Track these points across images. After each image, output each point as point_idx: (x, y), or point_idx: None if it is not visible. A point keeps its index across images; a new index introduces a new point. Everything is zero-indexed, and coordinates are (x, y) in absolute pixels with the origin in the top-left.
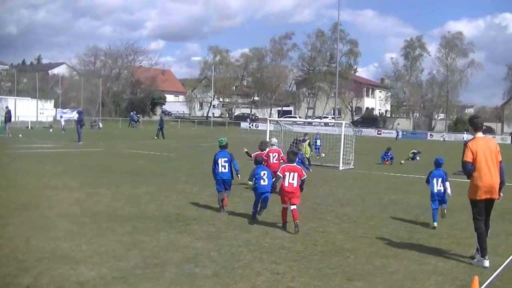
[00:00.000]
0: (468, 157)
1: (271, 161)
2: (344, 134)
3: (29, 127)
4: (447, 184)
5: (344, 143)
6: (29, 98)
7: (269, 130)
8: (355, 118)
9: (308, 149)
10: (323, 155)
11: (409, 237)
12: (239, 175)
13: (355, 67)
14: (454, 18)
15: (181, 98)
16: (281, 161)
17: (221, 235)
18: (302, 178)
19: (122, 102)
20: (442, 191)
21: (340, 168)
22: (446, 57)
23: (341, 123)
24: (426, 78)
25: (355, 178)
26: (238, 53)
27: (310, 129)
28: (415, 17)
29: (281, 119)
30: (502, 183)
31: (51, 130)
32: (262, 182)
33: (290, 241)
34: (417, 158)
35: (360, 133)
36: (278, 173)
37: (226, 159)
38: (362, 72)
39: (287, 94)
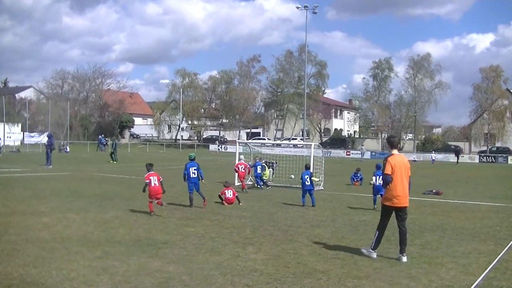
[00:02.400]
0: (389, 170)
1: (240, 171)
2: (314, 156)
3: None
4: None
5: (313, 164)
6: None
7: (238, 152)
8: (324, 139)
9: (268, 172)
10: (293, 176)
11: (380, 258)
12: (203, 179)
13: (323, 89)
14: (422, 39)
15: (149, 121)
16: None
17: (192, 258)
18: None
19: (90, 126)
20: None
21: (319, 188)
22: (414, 78)
23: (310, 145)
24: (394, 98)
25: (325, 199)
26: (206, 76)
27: (279, 150)
28: (383, 39)
29: (250, 141)
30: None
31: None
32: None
33: (262, 264)
34: None
35: (329, 154)
36: None
37: (195, 167)
38: (331, 93)
39: (256, 116)
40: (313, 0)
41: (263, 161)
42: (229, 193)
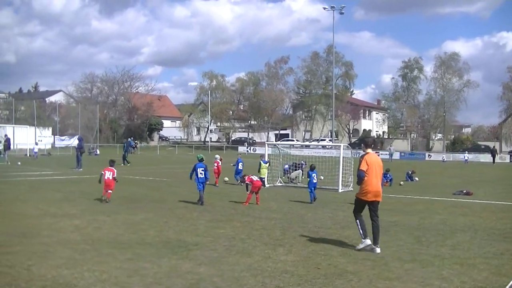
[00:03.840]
0: (363, 167)
1: (214, 167)
2: (343, 156)
3: (28, 155)
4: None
5: (342, 165)
6: (27, 126)
7: (267, 154)
8: (353, 140)
9: (265, 171)
10: (322, 177)
11: (411, 258)
12: (208, 180)
13: (351, 89)
14: (452, 38)
15: (178, 123)
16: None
17: (222, 260)
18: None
19: (119, 128)
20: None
21: (340, 190)
22: (442, 78)
23: (339, 146)
24: (423, 98)
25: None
26: (234, 78)
27: (308, 151)
28: (412, 38)
29: (278, 142)
30: None
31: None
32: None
33: (293, 265)
34: (416, 179)
35: (357, 155)
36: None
37: (203, 168)
38: (359, 94)
39: (284, 118)
40: (341, 0)
41: (291, 162)
42: (255, 178)
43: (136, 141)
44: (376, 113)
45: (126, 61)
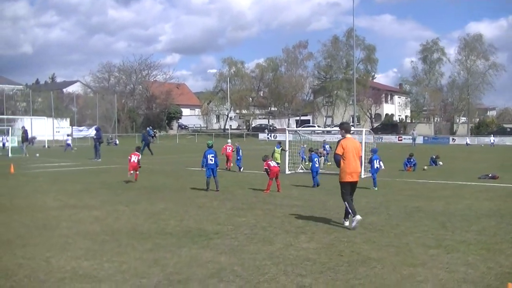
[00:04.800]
0: (339, 151)
1: (227, 151)
2: (365, 142)
3: (46, 146)
4: (381, 162)
5: (365, 151)
6: (45, 117)
7: (288, 140)
8: (375, 125)
9: (278, 156)
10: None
11: (436, 244)
12: (218, 167)
13: (373, 74)
14: (475, 19)
15: (197, 111)
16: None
17: (244, 248)
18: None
19: (137, 118)
20: (379, 167)
21: (362, 176)
22: (466, 60)
23: (361, 131)
24: (447, 81)
25: (378, 186)
26: (253, 64)
27: (329, 137)
28: (434, 20)
29: (299, 128)
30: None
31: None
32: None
33: (315, 252)
34: (440, 163)
35: (380, 140)
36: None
37: (213, 155)
38: (381, 78)
39: (305, 104)
40: None
41: (315, 149)
42: (273, 163)
43: (155, 130)
44: (398, 97)
45: (144, 49)
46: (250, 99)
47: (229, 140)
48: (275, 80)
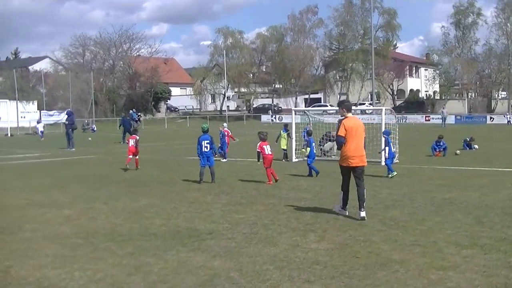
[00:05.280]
0: (342, 132)
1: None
2: (385, 123)
3: (9, 134)
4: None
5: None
6: (7, 100)
7: (295, 123)
8: (398, 102)
9: (284, 141)
10: None
11: (470, 243)
12: (216, 154)
13: (394, 42)
14: None
15: (189, 90)
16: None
17: (242, 250)
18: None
19: (119, 99)
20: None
21: (383, 163)
22: (505, 23)
23: (381, 110)
24: (483, 50)
25: (401, 174)
26: (253, 34)
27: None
28: None
29: (308, 108)
30: None
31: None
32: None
33: (326, 254)
34: (476, 146)
35: (404, 120)
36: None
37: (208, 141)
38: (405, 47)
39: (315, 79)
40: None
41: (327, 132)
42: (268, 149)
43: (139, 114)
44: (425, 69)
45: (125, 19)
46: (251, 75)
47: (225, 124)
48: (280, 52)
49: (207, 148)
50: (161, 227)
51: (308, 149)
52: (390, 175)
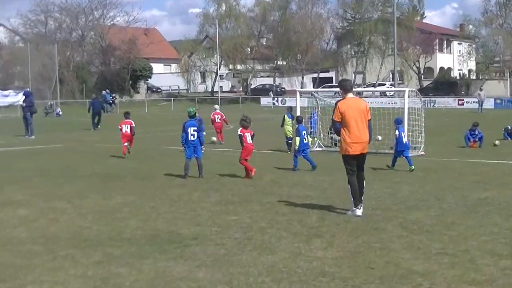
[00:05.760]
0: (336, 117)
1: (217, 121)
2: (409, 107)
3: None
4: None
5: (409, 120)
6: None
7: (300, 107)
8: (425, 83)
9: (291, 128)
10: (380, 138)
11: (510, 252)
12: (203, 145)
13: (421, 12)
14: None
15: (174, 67)
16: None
17: (233, 259)
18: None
19: (89, 78)
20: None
21: (411, 153)
22: None
23: (404, 91)
24: None
25: (427, 168)
26: (252, 1)
27: None
28: None
29: (317, 89)
30: (369, 139)
31: None
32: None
33: (334, 264)
34: None
35: (432, 104)
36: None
37: (195, 128)
38: (434, 17)
39: (325, 55)
40: None
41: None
42: (249, 137)
43: (114, 95)
44: (459, 43)
45: None
46: (248, 49)
47: (217, 106)
48: (283, 22)
49: (193, 137)
50: (136, 230)
51: (298, 139)
52: (390, 166)
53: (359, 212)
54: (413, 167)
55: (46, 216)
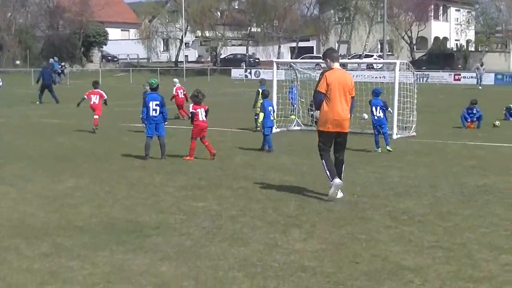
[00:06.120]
0: (322, 88)
1: (179, 96)
2: (399, 82)
3: None
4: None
5: (399, 96)
6: None
7: (277, 80)
8: (417, 55)
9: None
10: (366, 116)
11: None
12: (166, 121)
13: None
14: None
15: (132, 33)
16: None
17: (200, 251)
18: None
19: (34, 43)
20: (382, 117)
21: (394, 136)
22: None
23: (394, 64)
24: None
25: (419, 151)
26: None
27: None
28: None
29: (296, 61)
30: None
31: None
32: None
33: (315, 258)
34: None
35: (425, 79)
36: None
37: (158, 102)
38: None
39: (305, 22)
40: None
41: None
42: (202, 114)
43: (63, 64)
44: (457, 10)
45: None
46: (218, 14)
47: (176, 80)
48: None
49: (155, 112)
50: (90, 218)
51: (261, 115)
52: (375, 150)
53: (337, 180)
54: (389, 148)
55: None
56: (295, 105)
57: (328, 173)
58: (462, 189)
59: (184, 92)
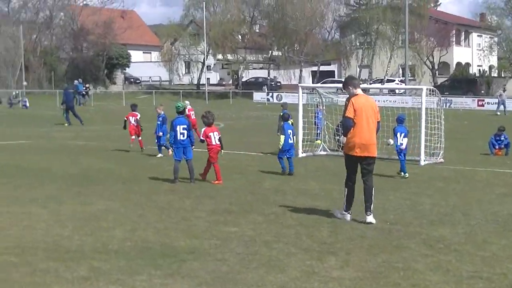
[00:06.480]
0: (350, 113)
1: (192, 118)
2: (426, 107)
3: None
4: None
5: (426, 122)
6: None
7: (302, 104)
8: (439, 80)
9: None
10: (391, 141)
11: None
12: (194, 146)
13: None
14: None
15: (154, 55)
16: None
17: (237, 277)
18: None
19: (59, 65)
20: (401, 145)
21: (422, 162)
22: None
23: (420, 89)
24: None
25: (449, 178)
26: None
27: None
28: None
29: (318, 85)
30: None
31: None
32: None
33: (352, 286)
34: None
35: (448, 104)
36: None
37: (185, 126)
38: (450, 5)
39: (326, 46)
40: None
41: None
42: (215, 137)
43: (87, 85)
44: (479, 35)
45: None
46: (239, 37)
47: (187, 102)
48: (280, 7)
49: (183, 136)
50: (124, 241)
51: (282, 137)
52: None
53: (349, 217)
54: (403, 174)
55: (19, 224)
56: (320, 130)
57: (345, 202)
58: (496, 217)
59: (191, 110)
